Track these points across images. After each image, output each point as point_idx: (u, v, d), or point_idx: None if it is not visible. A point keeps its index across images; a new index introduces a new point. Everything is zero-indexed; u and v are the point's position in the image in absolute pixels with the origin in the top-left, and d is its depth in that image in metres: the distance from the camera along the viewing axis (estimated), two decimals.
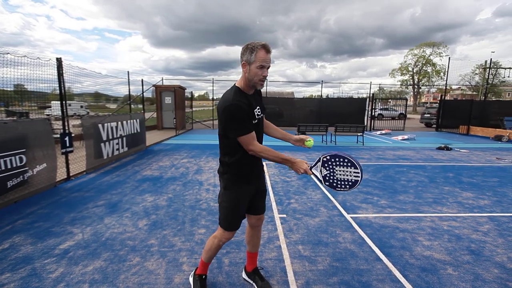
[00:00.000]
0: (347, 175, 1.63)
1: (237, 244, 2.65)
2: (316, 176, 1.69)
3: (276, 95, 24.56)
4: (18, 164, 3.65)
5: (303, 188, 4.47)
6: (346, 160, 1.61)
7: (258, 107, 1.74)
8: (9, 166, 3.50)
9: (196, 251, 2.52)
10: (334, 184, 1.66)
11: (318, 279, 2.14)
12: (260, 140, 1.75)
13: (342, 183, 1.65)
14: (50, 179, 4.30)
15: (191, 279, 2.02)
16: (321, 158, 1.66)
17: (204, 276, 1.97)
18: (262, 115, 1.79)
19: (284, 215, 3.36)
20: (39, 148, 4.08)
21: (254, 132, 1.63)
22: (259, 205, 1.91)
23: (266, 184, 1.95)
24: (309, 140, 1.79)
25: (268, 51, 1.59)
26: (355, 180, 1.62)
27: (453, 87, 40.49)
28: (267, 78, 1.70)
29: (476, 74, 35.23)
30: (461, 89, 44.57)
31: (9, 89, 4.36)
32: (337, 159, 1.62)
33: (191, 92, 16.84)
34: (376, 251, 2.56)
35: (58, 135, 4.74)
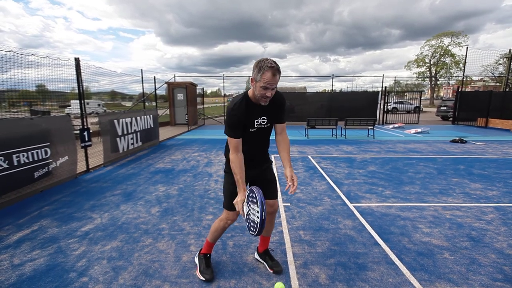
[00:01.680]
0: (255, 215, 1.68)
1: (241, 229, 2.82)
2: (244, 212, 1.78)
3: (288, 90, 24.49)
4: (44, 157, 3.98)
5: (309, 179, 4.57)
6: (253, 196, 1.69)
7: (264, 116, 1.84)
8: (36, 158, 3.83)
9: (203, 235, 2.71)
10: (248, 226, 1.75)
11: (315, 260, 2.27)
12: (259, 145, 1.94)
13: (252, 225, 1.71)
14: (71, 171, 4.64)
15: (196, 259, 2.19)
16: (247, 188, 1.82)
17: (208, 255, 2.15)
18: (267, 125, 1.88)
19: (288, 204, 3.50)
20: (61, 142, 4.41)
21: (239, 140, 1.80)
22: (267, 189, 2.01)
23: (272, 174, 2.06)
24: (279, 284, 1.85)
25: (274, 74, 1.64)
26: (257, 221, 1.65)
27: (474, 78, 38.65)
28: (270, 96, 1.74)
29: (500, 64, 33.42)
30: (484, 81, 42.47)
31: (31, 89, 4.71)
32: (251, 194, 1.73)
33: (202, 88, 17.15)
34: (375, 237, 2.65)
35: (78, 131, 5.09)
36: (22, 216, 3.15)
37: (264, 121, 1.87)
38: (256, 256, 2.29)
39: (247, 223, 1.77)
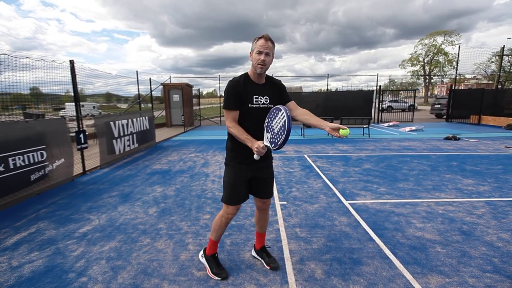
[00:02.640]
0: (279, 122, 1.69)
1: (239, 228, 2.86)
2: (268, 147, 1.73)
3: None
4: (40, 159, 3.97)
5: (305, 178, 4.63)
6: (273, 111, 1.75)
7: (266, 96, 1.89)
8: (32, 161, 3.82)
9: (201, 234, 2.74)
10: (277, 141, 1.67)
11: (311, 256, 2.32)
12: (260, 128, 1.85)
13: (280, 132, 1.66)
14: (68, 173, 4.64)
15: (203, 261, 2.17)
16: (264, 125, 1.81)
17: (216, 255, 2.16)
18: (268, 105, 1.90)
19: (285, 202, 3.54)
20: (57, 145, 4.40)
21: (237, 112, 1.84)
22: (262, 189, 2.07)
23: (271, 172, 2.11)
24: (345, 129, 1.76)
25: (266, 39, 1.79)
26: (283, 121, 1.64)
27: (467, 76, 39.11)
28: (267, 65, 1.81)
29: (492, 62, 33.91)
30: (476, 78, 43.03)
31: (25, 92, 4.67)
32: (270, 116, 1.77)
33: (198, 89, 17.14)
34: (369, 233, 2.71)
35: (74, 133, 5.07)
36: (19, 219, 3.14)
37: (267, 101, 1.90)
38: (253, 253, 2.33)
39: (274, 144, 1.69)
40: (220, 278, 2.04)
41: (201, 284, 2.00)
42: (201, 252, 2.22)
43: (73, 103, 5.07)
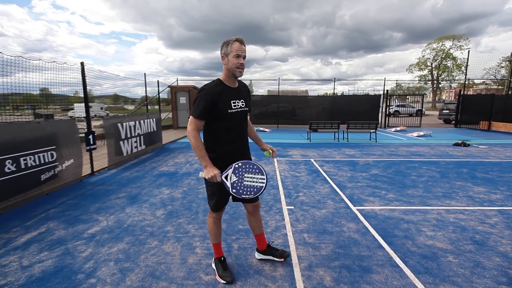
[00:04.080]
0: (253, 182, 1.78)
1: (246, 231, 2.84)
2: (225, 183, 1.78)
3: (290, 93, 24.55)
4: (50, 160, 4.03)
5: (312, 182, 4.59)
6: (255, 167, 1.78)
7: (242, 100, 1.91)
8: (42, 161, 3.89)
9: (208, 237, 2.73)
10: (240, 191, 1.78)
11: (320, 263, 2.29)
12: (240, 132, 1.94)
13: (248, 189, 1.78)
14: (77, 174, 4.69)
15: (213, 265, 2.20)
16: (234, 164, 1.79)
17: (222, 258, 2.17)
18: (245, 108, 1.93)
19: (292, 207, 3.52)
20: (67, 145, 4.46)
21: (203, 122, 1.81)
22: None
23: None
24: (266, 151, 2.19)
25: (241, 42, 1.78)
26: (259, 186, 1.78)
27: (477, 81, 38.51)
28: (247, 66, 1.90)
29: (502, 67, 33.35)
30: (486, 84, 42.33)
31: (35, 93, 4.75)
32: (247, 166, 1.78)
33: None
34: (379, 240, 2.66)
35: (83, 134, 5.14)
36: (29, 218, 3.19)
37: (243, 104, 1.92)
38: (259, 256, 2.31)
39: (235, 189, 1.78)
40: (225, 282, 2.04)
41: None
42: (213, 259, 2.25)
43: (82, 104, 5.15)
